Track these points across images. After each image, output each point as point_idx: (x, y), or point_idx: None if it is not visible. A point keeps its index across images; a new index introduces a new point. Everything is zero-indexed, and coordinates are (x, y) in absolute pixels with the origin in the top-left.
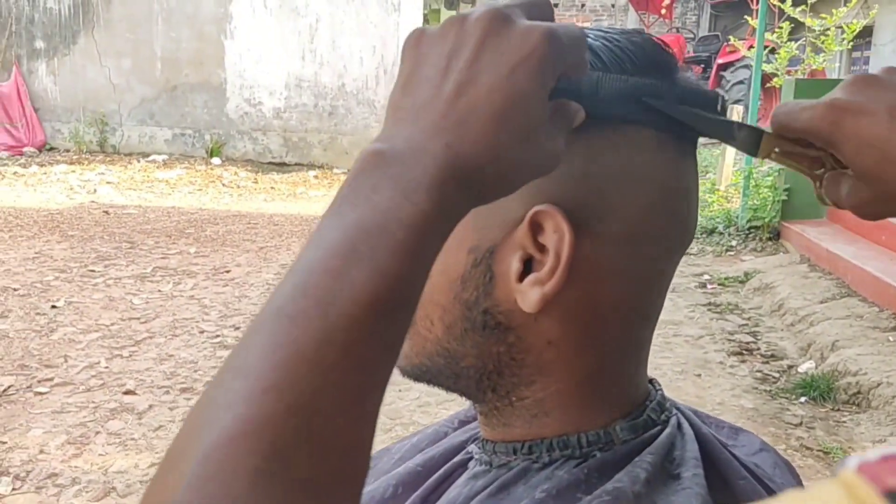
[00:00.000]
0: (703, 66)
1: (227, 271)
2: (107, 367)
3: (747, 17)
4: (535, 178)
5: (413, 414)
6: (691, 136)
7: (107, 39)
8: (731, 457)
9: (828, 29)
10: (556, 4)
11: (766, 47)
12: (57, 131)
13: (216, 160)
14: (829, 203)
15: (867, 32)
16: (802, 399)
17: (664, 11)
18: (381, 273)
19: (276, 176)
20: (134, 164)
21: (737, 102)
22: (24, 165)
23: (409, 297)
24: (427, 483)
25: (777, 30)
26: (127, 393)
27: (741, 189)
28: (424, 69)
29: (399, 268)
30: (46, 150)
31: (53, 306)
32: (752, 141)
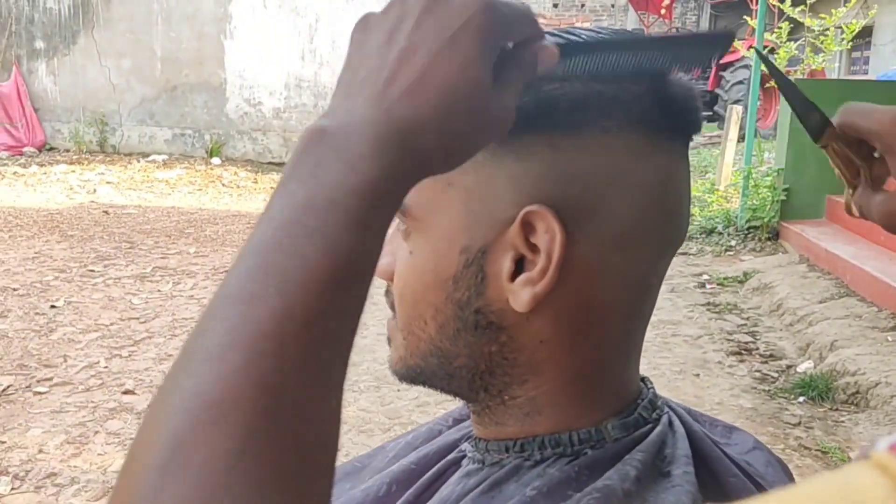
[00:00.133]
0: None
1: (227, 271)
2: (106, 367)
3: (746, 17)
4: (486, 143)
5: (412, 414)
6: (683, 136)
7: (107, 39)
8: (723, 454)
9: (827, 29)
10: (555, 5)
11: (765, 47)
12: (57, 131)
13: (216, 160)
14: (856, 212)
15: (867, 32)
16: (801, 399)
17: (664, 11)
18: (333, 245)
19: (275, 176)
20: (134, 164)
21: (736, 102)
22: (24, 165)
23: (365, 267)
24: (420, 481)
25: (776, 30)
26: (126, 393)
27: (740, 189)
28: (367, 46)
29: (351, 239)
30: (46, 150)
31: (53, 306)
32: (820, 128)
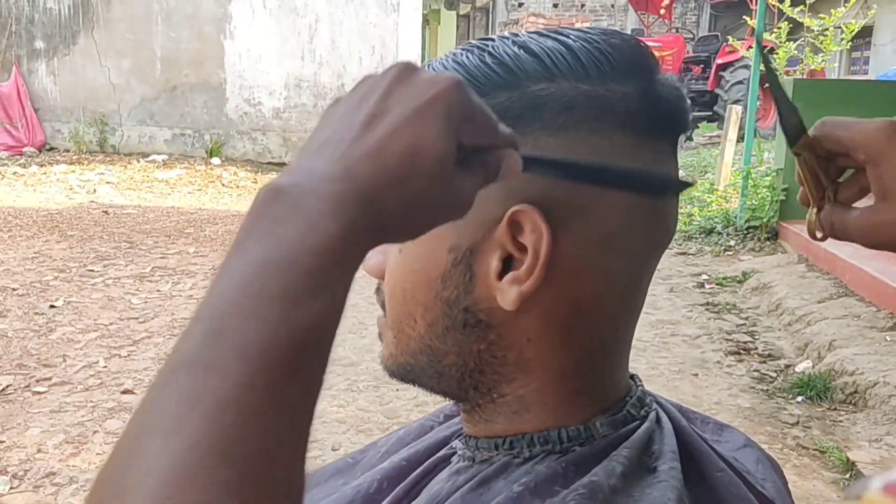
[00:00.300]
0: (702, 66)
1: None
2: (105, 367)
3: (746, 17)
4: (443, 221)
5: (410, 413)
6: (670, 136)
7: (106, 39)
8: (710, 450)
9: (826, 29)
10: (555, 5)
11: (764, 47)
12: (57, 131)
13: (216, 160)
14: (820, 234)
15: (867, 32)
16: (799, 398)
17: (663, 12)
18: (294, 308)
19: (275, 176)
20: (133, 164)
21: (736, 102)
22: (24, 165)
23: (328, 328)
24: (410, 477)
25: (776, 30)
26: (125, 392)
27: (740, 189)
28: (335, 115)
29: (312, 299)
30: (46, 150)
31: (52, 306)
32: (796, 133)
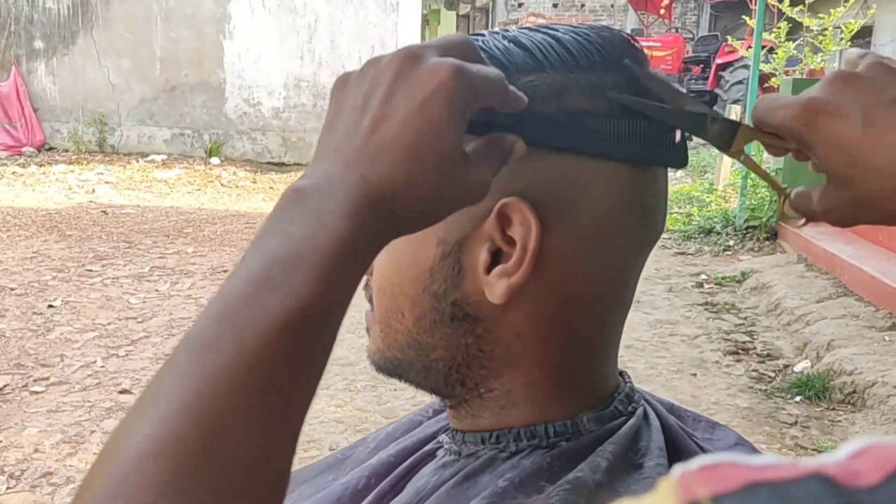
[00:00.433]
0: (702, 66)
1: (225, 271)
2: (103, 367)
3: (745, 17)
4: (459, 207)
5: (408, 413)
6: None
7: (106, 39)
8: (698, 448)
9: (826, 29)
10: (555, 5)
11: (764, 47)
12: (56, 131)
13: (215, 160)
14: (794, 215)
15: (867, 32)
16: (798, 398)
17: (663, 11)
18: (295, 297)
19: (274, 176)
20: (133, 164)
21: (735, 102)
22: (23, 165)
23: (326, 320)
24: (396, 471)
25: (775, 30)
26: (123, 392)
27: (739, 189)
28: (344, 109)
29: (313, 291)
30: (45, 149)
31: (50, 306)
32: (727, 135)
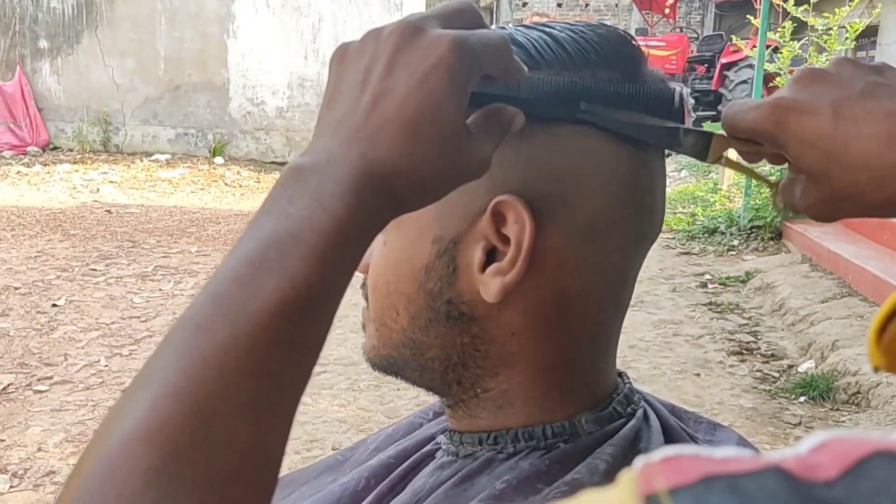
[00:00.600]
0: (706, 65)
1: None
2: (106, 366)
3: (750, 16)
4: (461, 183)
5: (411, 412)
6: None
7: (110, 39)
8: None
9: (831, 28)
10: (559, 4)
11: (768, 46)
12: (60, 131)
13: (219, 159)
14: (784, 209)
15: (872, 32)
16: (802, 399)
17: (668, 11)
18: (290, 279)
19: (278, 175)
20: (137, 164)
21: None
22: (28, 165)
23: (323, 302)
24: (395, 473)
25: (780, 29)
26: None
27: (743, 189)
28: (345, 84)
29: (310, 273)
30: (50, 149)
31: (54, 305)
32: (701, 145)
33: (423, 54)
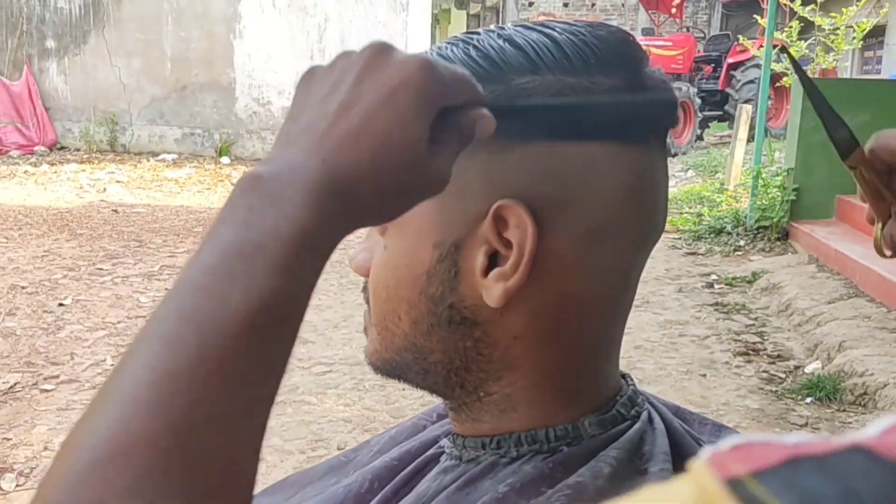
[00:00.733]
0: (713, 65)
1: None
2: (112, 365)
3: (756, 16)
4: (420, 200)
5: (416, 412)
6: (657, 131)
7: (117, 39)
8: None
9: (838, 28)
10: (566, 4)
11: (775, 46)
12: (68, 130)
13: (225, 159)
14: (888, 250)
15: (879, 31)
16: (808, 400)
17: (674, 10)
18: (256, 289)
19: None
20: (143, 164)
21: (747, 102)
22: (35, 164)
23: (290, 312)
24: (399, 476)
25: (787, 29)
26: None
27: (750, 189)
28: (311, 98)
29: (275, 283)
30: (57, 149)
31: (61, 304)
32: (848, 147)
33: (393, 71)
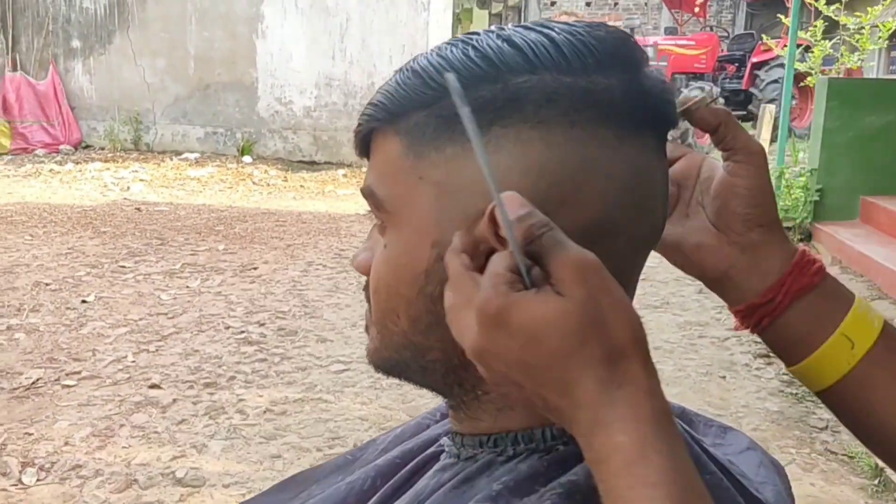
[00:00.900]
0: (736, 64)
1: (255, 268)
2: (133, 362)
3: (780, 15)
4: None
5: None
6: (654, 131)
7: (141, 39)
8: (701, 452)
9: (863, 27)
10: (588, 3)
11: (799, 45)
12: (93, 129)
13: (247, 158)
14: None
15: None
16: None
17: (697, 10)
18: None
19: (305, 174)
20: (167, 162)
21: (771, 101)
22: (60, 163)
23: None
24: (399, 474)
25: (811, 28)
26: (152, 387)
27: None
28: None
29: None
30: (82, 147)
31: (84, 301)
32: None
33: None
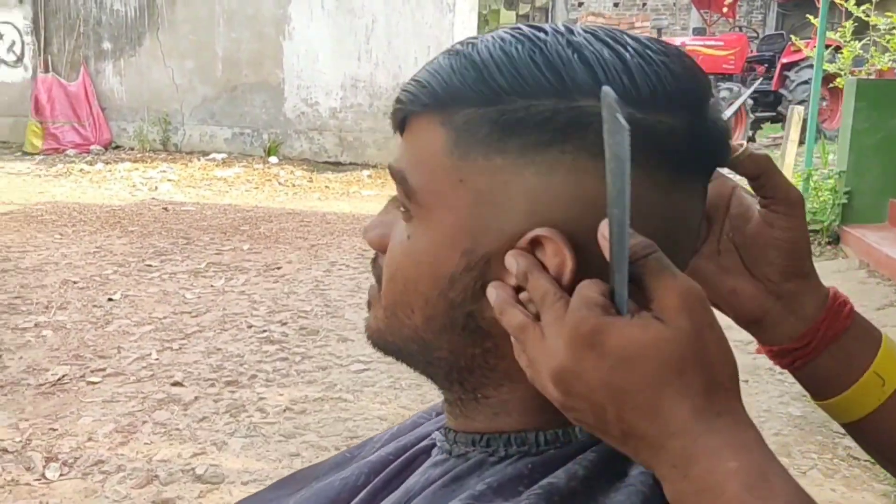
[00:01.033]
0: (766, 65)
1: (278, 268)
2: (157, 359)
3: (809, 16)
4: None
5: None
6: (705, 173)
7: (170, 41)
8: None
9: (894, 27)
10: (616, 4)
11: (828, 46)
12: (122, 130)
13: (273, 159)
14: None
15: None
16: None
17: (726, 10)
18: None
19: (330, 175)
20: (194, 163)
21: (801, 103)
22: (91, 163)
23: None
24: (390, 468)
25: (841, 28)
26: (175, 384)
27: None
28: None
29: None
30: (112, 148)
31: (110, 299)
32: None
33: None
